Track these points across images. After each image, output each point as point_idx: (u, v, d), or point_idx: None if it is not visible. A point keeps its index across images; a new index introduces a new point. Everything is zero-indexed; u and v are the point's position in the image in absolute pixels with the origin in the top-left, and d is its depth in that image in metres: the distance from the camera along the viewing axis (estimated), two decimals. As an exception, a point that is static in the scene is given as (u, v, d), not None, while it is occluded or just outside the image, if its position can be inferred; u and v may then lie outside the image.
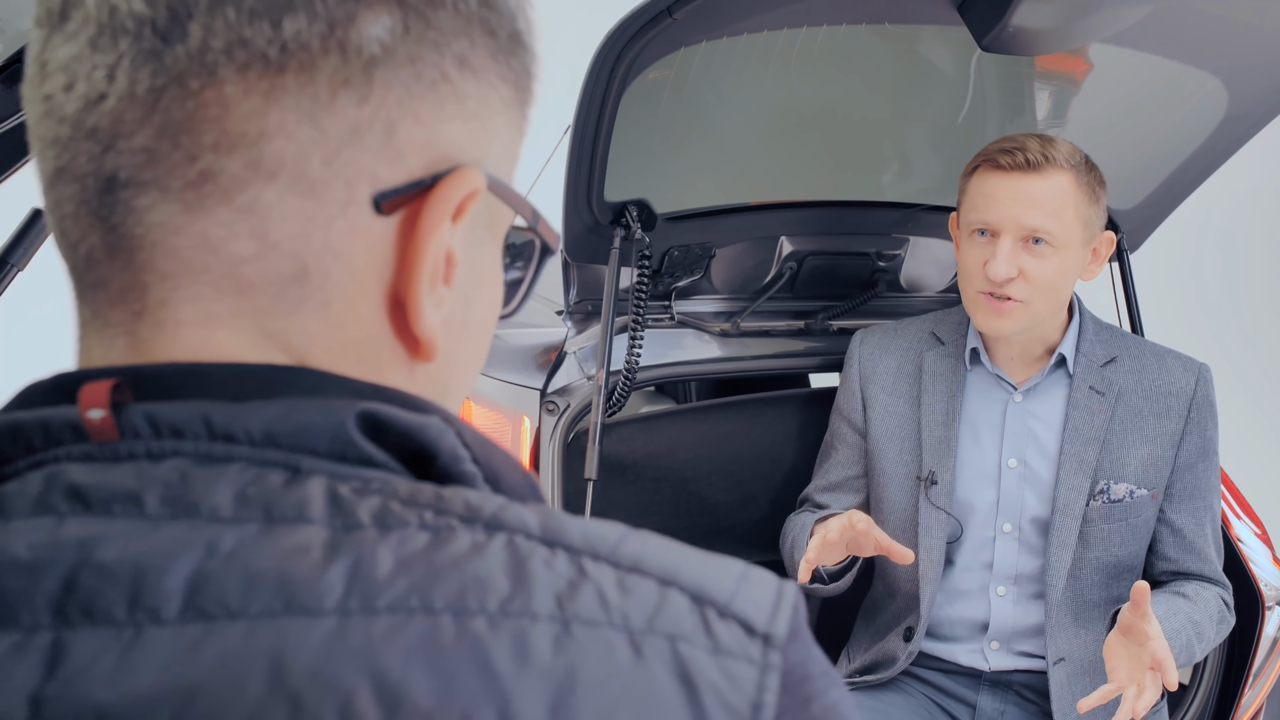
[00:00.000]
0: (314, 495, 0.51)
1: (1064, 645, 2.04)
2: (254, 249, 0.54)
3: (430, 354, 0.59)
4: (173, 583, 0.48)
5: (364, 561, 0.49)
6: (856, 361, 2.19)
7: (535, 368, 2.10)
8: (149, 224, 0.54)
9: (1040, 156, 1.91)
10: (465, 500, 0.52)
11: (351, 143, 0.54)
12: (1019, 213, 1.92)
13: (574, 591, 0.50)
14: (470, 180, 0.57)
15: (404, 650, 0.47)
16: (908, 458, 2.10)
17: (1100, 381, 2.04)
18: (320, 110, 0.54)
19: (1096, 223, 1.99)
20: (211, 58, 0.53)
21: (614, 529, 0.53)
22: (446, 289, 0.59)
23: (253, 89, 0.53)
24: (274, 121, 0.53)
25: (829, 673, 0.53)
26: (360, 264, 0.56)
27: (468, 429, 0.57)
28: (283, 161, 0.54)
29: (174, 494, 0.51)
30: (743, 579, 0.53)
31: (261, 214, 0.54)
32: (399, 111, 0.55)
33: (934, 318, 2.19)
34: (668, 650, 0.49)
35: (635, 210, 2.03)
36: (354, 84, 0.54)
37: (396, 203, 0.56)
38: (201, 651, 0.47)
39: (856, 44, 2.02)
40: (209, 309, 0.55)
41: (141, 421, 0.52)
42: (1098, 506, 2.02)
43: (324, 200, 0.54)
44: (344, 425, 0.53)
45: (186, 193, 0.54)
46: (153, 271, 0.55)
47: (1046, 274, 1.94)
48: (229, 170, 0.53)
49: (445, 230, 0.57)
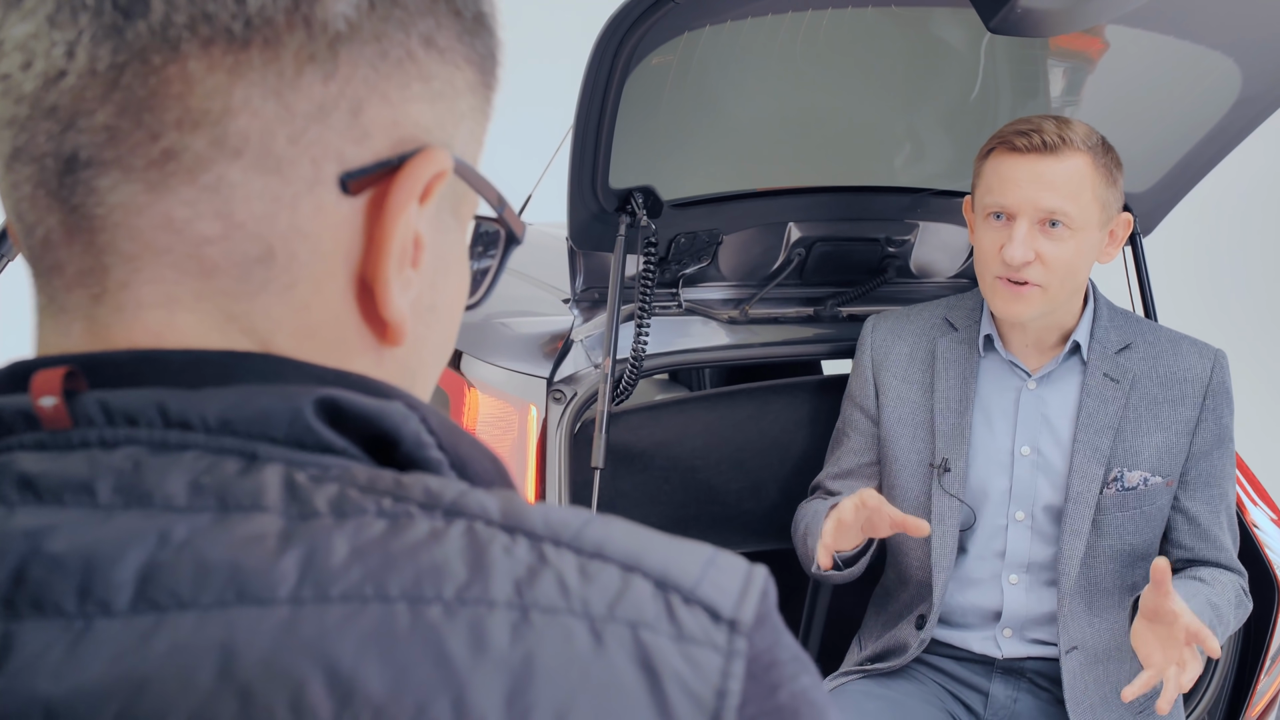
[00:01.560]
0: (269, 483, 0.50)
1: (1077, 634, 2.02)
2: (218, 229, 0.53)
3: (398, 338, 0.58)
4: (124, 573, 0.47)
5: (318, 550, 0.48)
6: (869, 347, 2.17)
7: (542, 356, 2.09)
8: (110, 204, 0.53)
9: (1057, 138, 1.89)
10: (425, 486, 0.51)
11: (318, 121, 0.54)
12: (1035, 195, 1.90)
13: (533, 578, 0.49)
14: (437, 161, 0.56)
15: (357, 640, 0.46)
16: (920, 444, 2.09)
17: (1115, 368, 2.02)
18: (286, 87, 0.53)
19: (1114, 204, 1.97)
20: (174, 32, 0.52)
21: (578, 514, 0.52)
22: (414, 272, 0.58)
23: (217, 65, 0.52)
24: (239, 98, 0.52)
25: (799, 659, 0.52)
26: (327, 245, 0.55)
27: (434, 414, 0.56)
28: (247, 139, 0.53)
29: (127, 483, 0.50)
30: (709, 564, 0.52)
31: (226, 193, 0.53)
32: (365, 90, 0.55)
33: (947, 303, 2.17)
34: (629, 637, 0.48)
35: (641, 197, 2.02)
36: (319, 60, 0.53)
37: (363, 183, 0.55)
38: (152, 643, 0.46)
39: (863, 26, 2.00)
40: (171, 291, 0.54)
41: (95, 409, 0.52)
42: (1111, 494, 2.00)
43: (290, 179, 0.54)
44: (302, 411, 0.52)
45: (149, 172, 0.53)
46: (114, 253, 0.54)
47: (1064, 257, 1.92)
48: (193, 148, 0.52)
49: (413, 212, 0.56)
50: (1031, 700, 2.08)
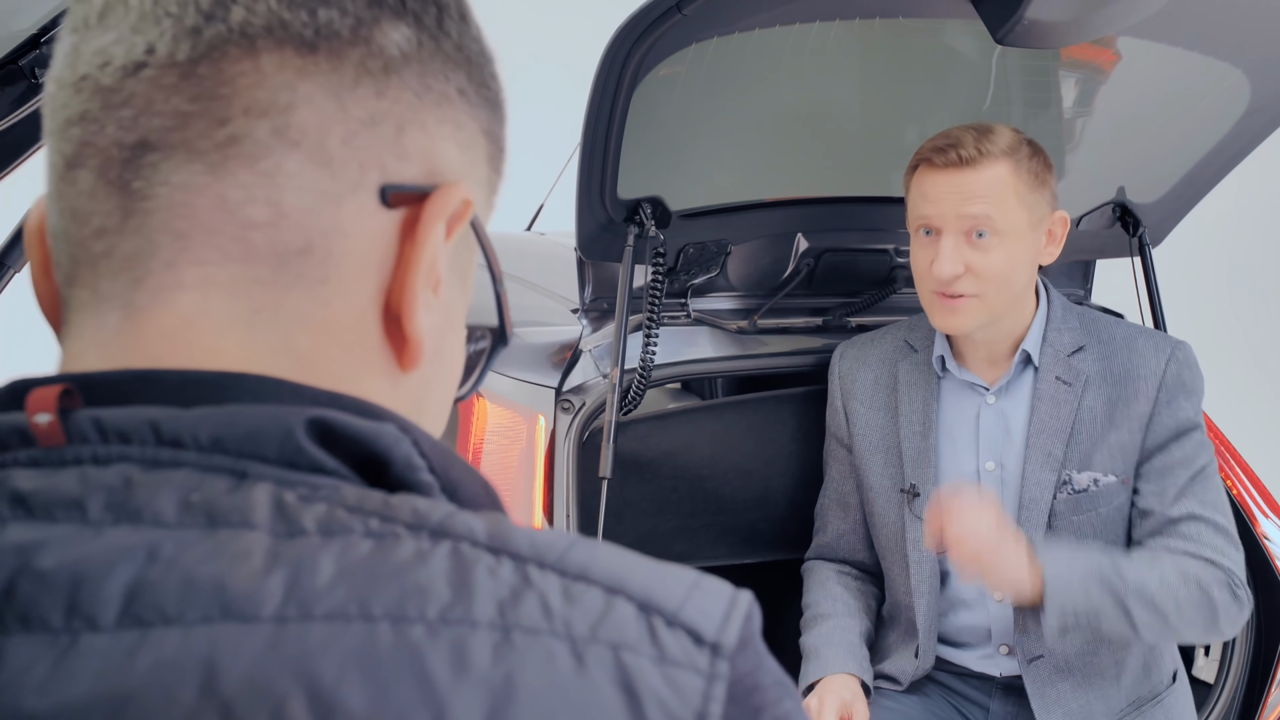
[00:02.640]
0: (258, 501, 0.51)
1: (1039, 642, 2.00)
2: (267, 215, 0.56)
3: (416, 358, 0.60)
4: (111, 589, 0.48)
5: (304, 568, 0.49)
6: (837, 376, 2.19)
7: (550, 366, 2.09)
8: (173, 184, 0.56)
9: (974, 151, 1.89)
10: (413, 507, 0.52)
11: (368, 128, 0.58)
12: (956, 207, 1.90)
13: (517, 599, 0.49)
14: (463, 194, 0.60)
15: (339, 658, 0.46)
16: (891, 470, 2.09)
17: (1067, 371, 2.00)
18: (345, 91, 0.57)
19: (1043, 206, 1.95)
20: (252, 31, 0.56)
21: (564, 537, 0.53)
22: (435, 298, 0.61)
23: (287, 63, 0.56)
24: (303, 94, 0.56)
25: (782, 683, 0.52)
26: (362, 248, 0.58)
27: (425, 437, 0.56)
28: (306, 132, 0.56)
29: (117, 499, 0.50)
30: (694, 588, 0.52)
31: (280, 181, 0.56)
32: (410, 115, 0.59)
33: (908, 324, 2.17)
34: (610, 659, 0.49)
35: (649, 207, 2.02)
36: (375, 76, 0.58)
37: (400, 198, 0.59)
38: (136, 659, 0.46)
39: (872, 38, 2.00)
40: (211, 274, 0.56)
41: (88, 426, 0.52)
42: (1063, 498, 1.98)
43: (339, 177, 0.57)
44: (293, 431, 0.53)
45: (212, 154, 0.55)
46: (167, 231, 0.56)
47: (995, 265, 1.91)
48: (255, 135, 0.56)
49: (439, 236, 0.59)
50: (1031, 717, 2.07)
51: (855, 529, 2.20)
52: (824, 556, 2.25)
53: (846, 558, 2.23)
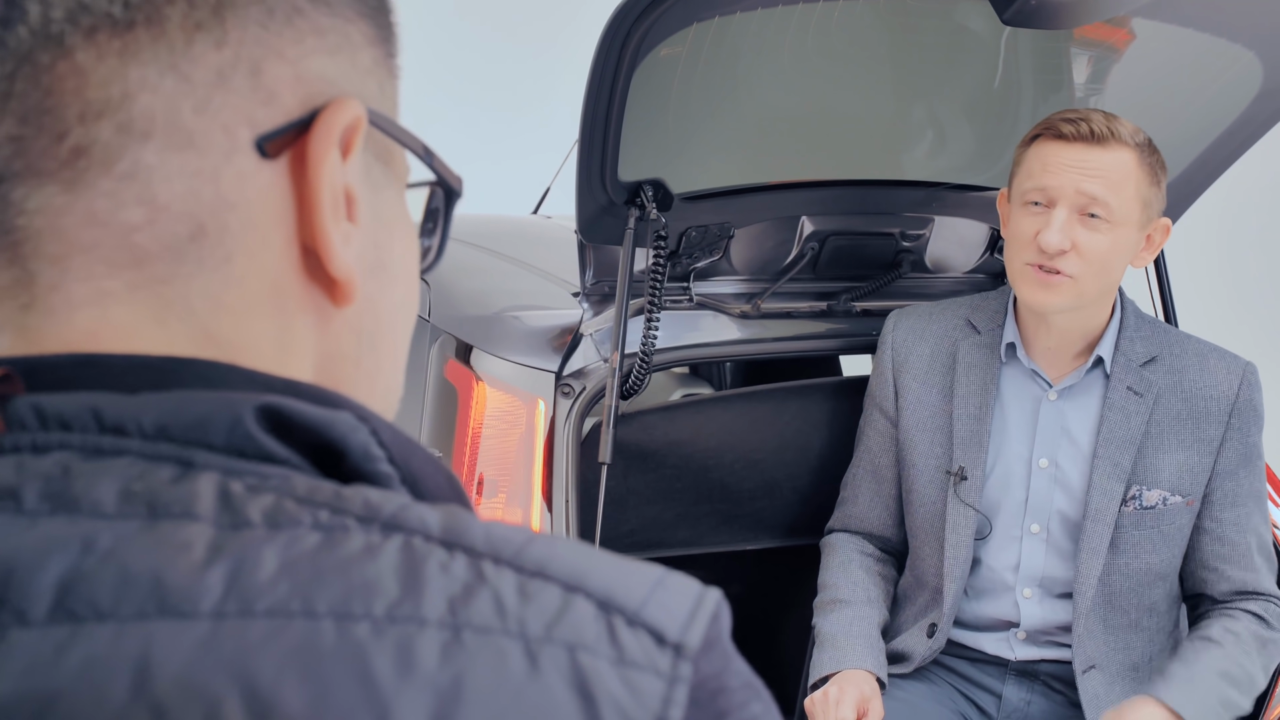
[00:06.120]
0: (203, 491, 0.49)
1: (1094, 652, 1.99)
2: (143, 215, 0.52)
3: (349, 294, 0.57)
4: (44, 582, 0.46)
5: (247, 562, 0.46)
6: (889, 346, 2.14)
7: (551, 350, 2.07)
8: (30, 212, 0.52)
9: (1105, 129, 1.86)
10: (365, 499, 0.50)
11: (219, 87, 0.53)
12: (1078, 181, 1.86)
13: (469, 596, 0.47)
14: (349, 109, 0.56)
15: (279, 657, 0.44)
16: (938, 450, 2.05)
17: (1139, 382, 1.97)
18: (179, 59, 0.52)
19: (1155, 205, 1.93)
20: (56, 28, 0.51)
21: (522, 532, 0.50)
22: (352, 226, 0.57)
23: (106, 51, 0.51)
24: (134, 79, 0.52)
25: (751, 685, 0.50)
26: (256, 212, 0.54)
27: (386, 427, 0.54)
28: (153, 118, 0.52)
29: (54, 489, 0.48)
30: (658, 585, 0.50)
31: (145, 177, 0.52)
32: (260, 50, 0.54)
33: (970, 303, 2.13)
34: (566, 660, 0.46)
35: (651, 190, 1.99)
36: (207, 27, 0.53)
37: (279, 144, 0.55)
38: (66, 656, 0.44)
39: (878, 16, 1.97)
40: (103, 286, 0.53)
41: (28, 413, 0.50)
42: (1129, 512, 1.96)
43: (205, 151, 0.53)
44: (242, 418, 0.50)
45: (62, 172, 0.52)
46: (39, 258, 0.53)
47: (1100, 249, 1.88)
48: (100, 139, 0.52)
49: (335, 163, 0.55)
50: (1045, 703, 2.05)
51: (887, 503, 2.16)
52: (849, 528, 2.20)
53: (873, 531, 2.18)
